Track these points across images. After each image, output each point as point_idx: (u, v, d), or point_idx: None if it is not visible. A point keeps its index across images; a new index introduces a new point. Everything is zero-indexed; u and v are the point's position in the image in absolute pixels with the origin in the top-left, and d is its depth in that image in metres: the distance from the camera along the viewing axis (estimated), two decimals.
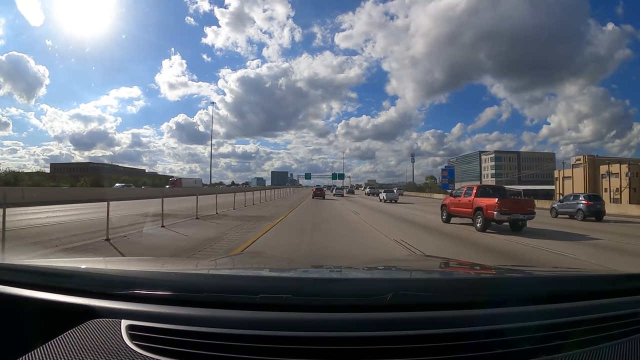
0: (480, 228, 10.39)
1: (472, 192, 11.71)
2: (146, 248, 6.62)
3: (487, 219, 10.22)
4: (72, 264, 1.39)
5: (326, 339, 0.82)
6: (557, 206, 19.35)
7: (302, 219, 13.73)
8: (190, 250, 6.41)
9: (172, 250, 6.36)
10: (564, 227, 12.51)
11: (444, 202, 13.36)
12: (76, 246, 6.27)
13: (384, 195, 33.71)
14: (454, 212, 12.45)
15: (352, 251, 7.01)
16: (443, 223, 12.50)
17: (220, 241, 7.47)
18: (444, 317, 0.91)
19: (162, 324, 0.86)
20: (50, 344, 0.81)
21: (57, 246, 6.26)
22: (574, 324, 0.93)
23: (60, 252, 5.78)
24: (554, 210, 19.31)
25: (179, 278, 1.15)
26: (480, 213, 10.50)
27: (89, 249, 6.02)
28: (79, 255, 5.51)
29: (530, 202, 11.67)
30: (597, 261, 6.30)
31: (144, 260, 2.47)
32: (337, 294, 1.00)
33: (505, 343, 0.84)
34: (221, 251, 6.43)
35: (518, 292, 1.07)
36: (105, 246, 6.37)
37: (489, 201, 10.49)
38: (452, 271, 1.84)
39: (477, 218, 10.68)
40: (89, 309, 0.92)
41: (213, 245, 6.94)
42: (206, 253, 6.24)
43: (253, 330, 0.83)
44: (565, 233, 10.73)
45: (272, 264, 2.09)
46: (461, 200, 12.11)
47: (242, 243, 7.17)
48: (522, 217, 10.34)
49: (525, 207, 10.75)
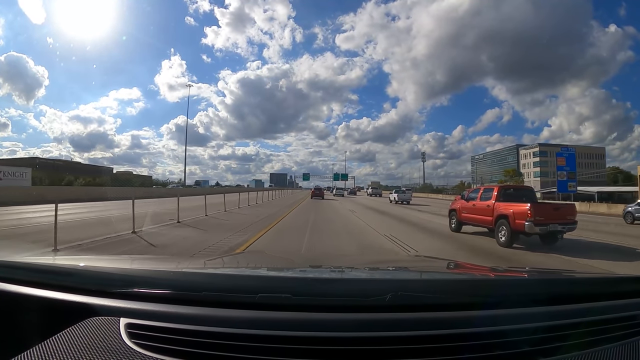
0: (505, 243, 8.27)
1: (491, 194, 9.29)
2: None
3: (515, 231, 8.09)
4: (71, 261, 1.44)
5: (325, 339, 0.86)
6: (634, 210, 16.59)
7: (296, 223, 12.50)
8: None
9: None
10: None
11: (454, 207, 11.05)
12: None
13: (395, 196, 31.57)
14: (466, 220, 10.25)
15: (352, 251, 6.84)
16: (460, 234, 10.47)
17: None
18: (443, 318, 0.95)
19: (161, 322, 0.89)
20: (48, 342, 0.83)
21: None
22: (573, 326, 0.96)
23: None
24: (629, 215, 16.67)
25: (178, 277, 1.19)
26: (505, 223, 8.30)
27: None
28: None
29: (571, 208, 9.16)
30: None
31: (143, 259, 2.54)
32: (336, 294, 1.03)
33: (504, 344, 0.88)
34: (219, 251, 6.32)
35: (517, 293, 1.11)
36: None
37: (517, 207, 8.21)
38: (451, 272, 1.84)
39: (500, 229, 8.49)
40: (87, 306, 0.95)
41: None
42: (206, 252, 6.10)
43: (252, 330, 0.86)
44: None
45: (272, 263, 2.15)
46: (476, 204, 9.71)
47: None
48: (560, 228, 8.15)
49: (565, 215, 8.53)
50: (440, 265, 2.17)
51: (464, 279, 1.54)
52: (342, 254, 5.78)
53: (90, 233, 7.88)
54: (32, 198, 17.94)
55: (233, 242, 7.58)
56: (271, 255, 3.65)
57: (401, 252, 6.98)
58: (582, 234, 9.66)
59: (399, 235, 9.36)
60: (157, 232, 8.73)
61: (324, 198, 34.86)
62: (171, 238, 7.93)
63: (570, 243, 8.52)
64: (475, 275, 1.68)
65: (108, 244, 6.88)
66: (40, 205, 14.24)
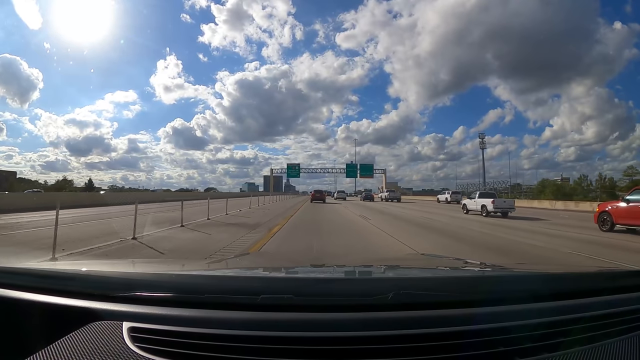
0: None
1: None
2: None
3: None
4: (73, 266, 1.44)
5: (328, 339, 0.86)
6: None
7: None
8: None
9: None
10: None
11: (605, 209, 10.05)
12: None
13: (489, 205, 17.18)
14: (626, 224, 9.27)
15: (353, 251, 6.71)
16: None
17: None
18: (445, 315, 0.95)
19: (164, 325, 0.89)
20: (52, 347, 0.84)
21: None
22: (574, 321, 0.96)
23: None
24: None
25: (180, 279, 1.19)
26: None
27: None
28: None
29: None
30: None
31: (145, 262, 2.59)
32: (339, 293, 1.04)
33: (506, 341, 0.88)
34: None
35: (519, 289, 1.11)
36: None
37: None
38: (453, 269, 1.85)
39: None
40: (90, 311, 0.95)
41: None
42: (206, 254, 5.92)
43: (255, 331, 0.87)
44: None
45: (273, 264, 2.11)
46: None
47: None
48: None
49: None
50: (441, 263, 2.16)
51: (465, 276, 1.55)
52: (344, 253, 5.73)
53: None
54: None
55: None
56: (273, 256, 3.62)
57: (403, 250, 6.92)
58: None
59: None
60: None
61: (324, 202, 31.62)
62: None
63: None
64: (477, 272, 1.69)
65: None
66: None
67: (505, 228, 11.85)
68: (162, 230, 9.14)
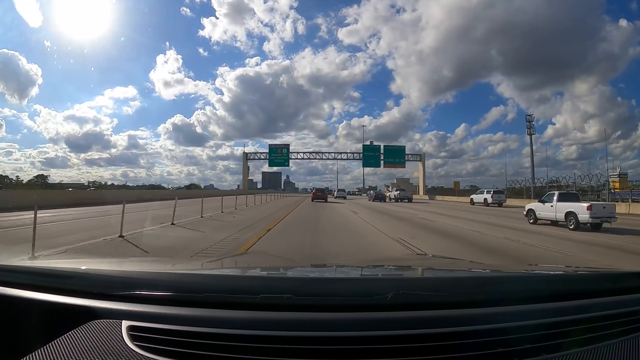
0: None
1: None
2: None
3: None
4: (72, 264, 1.44)
5: (327, 339, 0.86)
6: None
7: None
8: None
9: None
10: None
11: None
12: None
13: (581, 212, 10.84)
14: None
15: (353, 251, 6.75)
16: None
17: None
18: (445, 316, 0.95)
19: (163, 324, 0.89)
20: (50, 345, 0.84)
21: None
22: (574, 323, 0.97)
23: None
24: None
25: (179, 278, 1.19)
26: None
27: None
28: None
29: None
30: None
31: (145, 261, 2.65)
32: (338, 293, 1.03)
33: (506, 341, 0.88)
34: (221, 252, 6.15)
35: (519, 290, 1.10)
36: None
37: None
38: (453, 270, 1.84)
39: None
40: (89, 309, 0.95)
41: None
42: (206, 254, 6.00)
43: (254, 331, 0.87)
44: None
45: (273, 263, 2.11)
46: None
47: None
48: None
49: None
50: (441, 263, 2.16)
51: (466, 277, 1.55)
52: (344, 253, 5.72)
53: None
54: None
55: None
56: (272, 255, 3.63)
57: (404, 250, 6.90)
58: None
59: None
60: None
61: (326, 201, 29.88)
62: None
63: None
64: (477, 273, 1.69)
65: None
66: None
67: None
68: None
